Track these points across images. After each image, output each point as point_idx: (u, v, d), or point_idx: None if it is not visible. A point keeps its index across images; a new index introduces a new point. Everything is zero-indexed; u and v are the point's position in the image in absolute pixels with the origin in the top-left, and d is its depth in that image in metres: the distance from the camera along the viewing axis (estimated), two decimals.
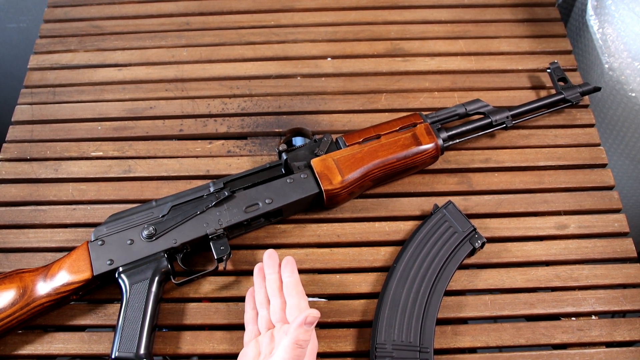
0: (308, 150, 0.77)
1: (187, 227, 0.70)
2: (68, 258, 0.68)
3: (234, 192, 0.73)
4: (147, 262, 0.68)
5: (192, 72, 0.94)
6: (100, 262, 0.68)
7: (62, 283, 0.66)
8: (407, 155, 0.76)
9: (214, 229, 0.70)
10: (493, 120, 0.81)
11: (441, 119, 0.81)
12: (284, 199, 0.73)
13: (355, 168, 0.74)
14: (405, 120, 0.79)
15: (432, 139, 0.77)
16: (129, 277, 0.67)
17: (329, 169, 0.74)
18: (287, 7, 1.02)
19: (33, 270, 0.68)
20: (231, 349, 0.69)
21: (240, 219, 0.71)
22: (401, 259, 0.72)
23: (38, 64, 0.96)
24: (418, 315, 0.67)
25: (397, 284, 0.70)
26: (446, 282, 0.70)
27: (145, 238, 0.69)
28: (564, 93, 0.85)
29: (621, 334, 0.70)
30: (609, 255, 0.75)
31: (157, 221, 0.70)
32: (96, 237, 0.69)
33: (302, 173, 0.74)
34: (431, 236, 0.73)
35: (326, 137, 0.77)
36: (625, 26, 0.91)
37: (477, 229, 0.73)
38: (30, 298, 0.65)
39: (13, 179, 0.83)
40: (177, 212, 0.71)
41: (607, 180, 0.81)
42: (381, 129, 0.78)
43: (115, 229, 0.70)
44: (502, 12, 1.00)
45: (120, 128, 0.88)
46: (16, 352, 0.70)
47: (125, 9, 1.03)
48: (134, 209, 0.72)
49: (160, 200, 0.73)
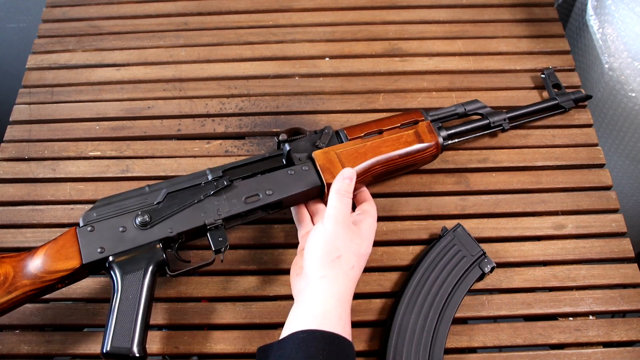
0: (309, 141, 0.74)
1: (184, 216, 0.66)
2: (54, 244, 0.63)
3: (233, 181, 0.69)
4: (141, 252, 0.64)
5: (190, 72, 0.94)
6: (90, 250, 0.63)
7: (47, 271, 0.61)
8: (409, 152, 0.75)
9: (212, 219, 0.66)
10: (491, 122, 0.82)
11: (441, 117, 0.81)
12: (285, 190, 0.69)
13: (357, 162, 0.72)
14: (407, 116, 0.78)
15: (433, 137, 0.76)
16: (121, 266, 0.63)
17: (331, 162, 0.71)
18: (285, 7, 1.02)
19: (14, 256, 0.63)
20: (229, 348, 0.69)
21: (240, 210, 0.68)
22: (409, 284, 0.70)
23: (36, 64, 0.96)
24: (426, 344, 0.66)
25: (405, 310, 0.69)
26: (455, 308, 0.69)
27: (139, 226, 0.65)
28: (557, 99, 0.85)
29: (618, 334, 0.70)
30: (606, 256, 0.75)
31: (152, 208, 0.66)
32: (85, 222, 0.65)
33: (303, 165, 0.71)
34: (440, 260, 0.72)
35: (327, 129, 0.75)
36: (625, 26, 0.90)
37: (486, 253, 0.72)
38: (12, 286, 0.60)
39: (11, 179, 0.83)
40: (173, 200, 0.67)
41: (604, 181, 0.81)
42: (383, 124, 0.77)
43: (105, 214, 0.65)
44: (501, 12, 1.00)
45: (118, 128, 0.88)
46: (14, 352, 0.70)
47: (123, 8, 1.03)
48: (125, 194, 0.68)
49: (153, 186, 0.68)
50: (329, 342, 0.54)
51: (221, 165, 0.71)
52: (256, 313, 0.72)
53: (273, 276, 0.74)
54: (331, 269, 0.60)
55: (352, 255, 0.62)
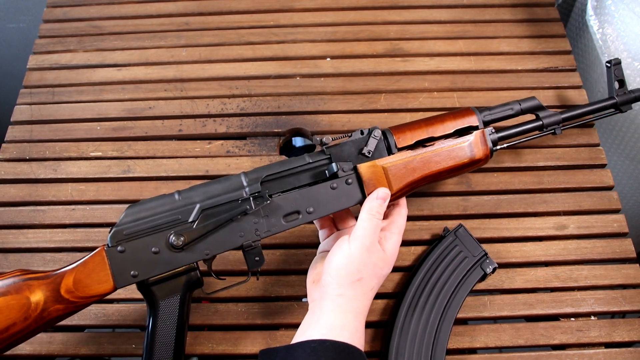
0: (354, 146, 0.66)
1: (221, 237, 0.61)
2: (84, 267, 0.60)
3: (272, 195, 0.63)
4: (177, 275, 0.61)
5: (192, 72, 0.93)
6: (123, 274, 0.59)
7: (80, 296, 0.59)
8: (457, 167, 0.69)
9: (250, 241, 0.62)
10: (544, 125, 0.75)
11: (495, 119, 0.73)
12: (327, 208, 0.64)
13: (405, 181, 0.66)
14: (460, 118, 0.69)
15: (485, 150, 0.69)
16: (156, 290, 0.60)
17: (377, 178, 0.65)
18: (286, 7, 1.02)
19: (41, 277, 0.60)
20: (230, 349, 0.70)
21: (279, 230, 0.63)
22: (411, 284, 0.70)
23: (37, 64, 0.96)
24: (428, 344, 0.67)
25: (407, 311, 0.69)
26: (457, 309, 0.69)
27: (173, 247, 0.60)
28: (616, 99, 0.78)
29: (620, 334, 0.70)
30: (608, 256, 0.75)
31: (186, 227, 0.61)
32: (115, 242, 0.60)
33: (347, 177, 0.65)
34: (441, 261, 0.72)
35: (375, 133, 0.66)
36: (625, 26, 0.91)
37: (488, 254, 0.72)
38: (45, 312, 0.58)
39: (12, 179, 0.83)
40: (208, 218, 0.61)
41: (606, 181, 0.81)
42: (434, 128, 0.69)
43: (135, 232, 0.60)
44: (502, 12, 1.00)
45: (119, 128, 0.88)
46: (16, 352, 0.70)
47: (124, 9, 1.03)
48: (154, 203, 0.62)
49: (185, 195, 0.62)
50: (340, 352, 0.54)
51: (257, 169, 0.64)
52: (258, 314, 0.72)
53: (275, 277, 0.75)
54: (351, 290, 0.59)
55: (373, 277, 0.61)
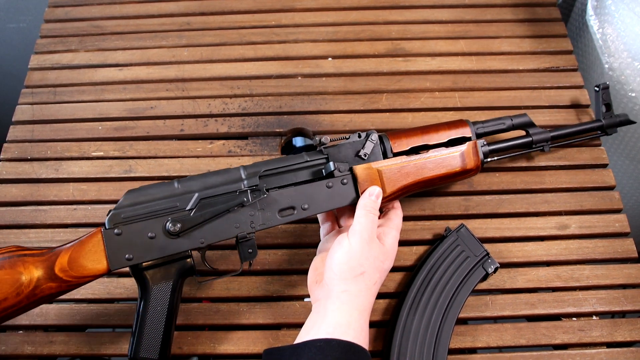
0: (351, 148, 0.69)
1: (216, 227, 0.64)
2: (80, 246, 0.61)
3: (269, 190, 0.66)
4: (170, 261, 0.63)
5: (193, 72, 0.93)
6: (118, 256, 0.61)
7: (74, 275, 0.60)
8: (449, 175, 0.71)
9: (245, 233, 0.64)
10: (534, 141, 0.78)
11: (488, 132, 0.76)
12: (321, 206, 0.67)
13: (398, 184, 0.69)
14: (454, 129, 0.73)
15: (477, 161, 0.72)
16: (150, 275, 0.62)
17: (372, 179, 0.68)
18: (287, 7, 1.02)
19: (36, 254, 0.61)
20: (232, 349, 0.70)
21: (274, 224, 0.65)
22: (413, 284, 0.71)
23: (39, 64, 0.96)
24: (430, 344, 0.67)
25: (409, 310, 0.69)
26: (458, 308, 0.69)
27: (169, 234, 0.62)
28: (603, 121, 0.81)
29: (622, 334, 0.70)
30: (609, 256, 0.75)
31: (183, 215, 0.63)
32: (112, 224, 0.61)
33: (343, 178, 0.67)
34: (443, 261, 0.72)
35: (373, 137, 0.70)
36: (625, 26, 0.91)
37: (490, 254, 0.72)
38: (37, 289, 0.59)
39: (14, 179, 0.83)
40: (205, 207, 0.64)
41: (608, 181, 0.81)
42: (429, 135, 0.72)
43: (133, 216, 0.62)
44: (503, 12, 1.00)
45: (121, 128, 0.88)
46: (18, 352, 0.70)
47: (126, 8, 1.02)
48: (153, 190, 0.64)
49: (184, 183, 0.64)
50: (346, 351, 0.55)
51: (256, 164, 0.67)
52: (259, 314, 0.72)
53: (276, 276, 0.75)
54: (354, 285, 0.60)
55: (375, 271, 0.62)
